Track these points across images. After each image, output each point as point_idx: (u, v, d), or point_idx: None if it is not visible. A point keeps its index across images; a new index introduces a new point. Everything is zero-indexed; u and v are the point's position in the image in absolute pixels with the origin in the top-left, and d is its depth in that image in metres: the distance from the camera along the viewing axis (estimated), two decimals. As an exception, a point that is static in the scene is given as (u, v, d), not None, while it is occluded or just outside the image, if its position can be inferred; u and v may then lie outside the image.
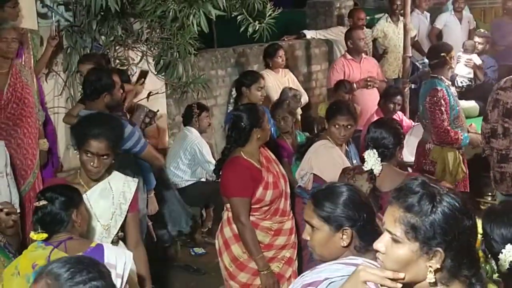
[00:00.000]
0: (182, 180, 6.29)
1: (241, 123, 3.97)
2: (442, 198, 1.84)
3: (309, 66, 8.39)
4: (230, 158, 4.04)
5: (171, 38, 6.15)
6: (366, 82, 6.78)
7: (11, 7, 5.34)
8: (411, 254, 1.84)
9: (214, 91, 7.27)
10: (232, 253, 4.02)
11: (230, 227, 4.04)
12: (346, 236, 2.40)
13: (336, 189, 2.44)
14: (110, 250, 2.93)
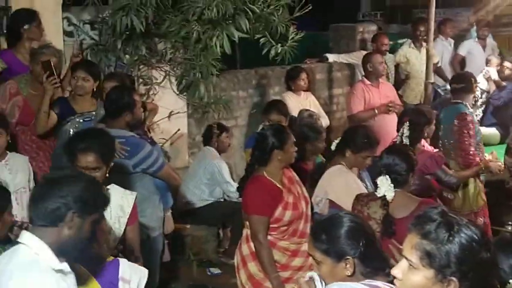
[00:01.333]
0: (200, 200, 6.33)
1: (264, 143, 4.01)
2: (460, 229, 1.85)
3: (330, 89, 8.42)
4: (252, 177, 4.07)
5: (194, 59, 6.22)
6: (387, 107, 6.72)
7: (36, 27, 5.45)
8: (426, 281, 1.86)
9: (235, 112, 7.33)
10: (249, 270, 4.03)
11: (248, 244, 4.05)
12: (349, 265, 2.41)
13: (333, 221, 2.46)
14: (126, 265, 2.99)
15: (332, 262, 2.42)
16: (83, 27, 6.12)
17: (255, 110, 7.40)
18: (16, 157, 4.44)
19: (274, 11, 6.27)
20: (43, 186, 2.51)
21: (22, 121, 4.99)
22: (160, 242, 4.62)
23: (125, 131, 4.33)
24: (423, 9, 9.65)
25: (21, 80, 5.08)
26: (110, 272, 2.98)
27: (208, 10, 5.65)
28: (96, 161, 3.30)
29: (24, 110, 5.02)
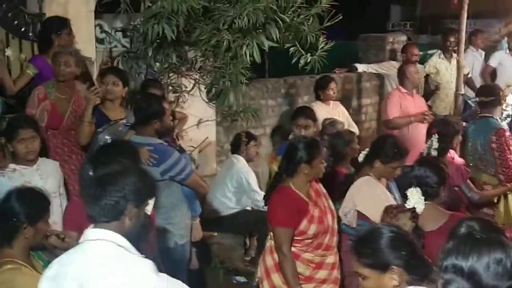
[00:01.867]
0: (227, 208, 6.34)
1: (293, 154, 4.01)
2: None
3: (359, 99, 8.40)
4: (279, 187, 4.07)
5: (223, 67, 6.25)
6: (423, 116, 6.67)
7: (67, 34, 5.53)
8: None
9: (263, 120, 7.34)
10: (272, 281, 4.02)
11: (272, 256, 4.05)
12: (395, 275, 2.41)
13: (374, 234, 2.46)
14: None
15: (378, 274, 2.42)
16: (115, 34, 6.20)
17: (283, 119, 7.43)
18: (46, 162, 4.49)
19: (304, 20, 6.27)
20: (97, 184, 2.57)
21: (51, 124, 5.07)
22: (187, 249, 4.63)
23: (153, 138, 4.36)
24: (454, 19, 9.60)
25: (49, 85, 5.18)
26: None
27: (239, 19, 5.67)
28: None
29: (52, 113, 5.11)
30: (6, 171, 4.28)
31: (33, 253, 3.25)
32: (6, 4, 5.51)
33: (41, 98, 5.11)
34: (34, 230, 3.12)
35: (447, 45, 8.36)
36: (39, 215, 3.14)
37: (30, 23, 5.66)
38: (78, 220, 3.48)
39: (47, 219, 3.22)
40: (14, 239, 3.10)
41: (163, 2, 5.32)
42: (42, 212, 3.17)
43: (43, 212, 3.17)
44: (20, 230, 3.09)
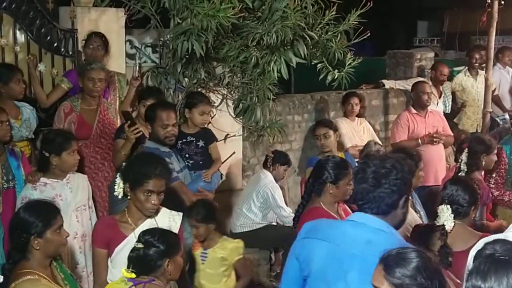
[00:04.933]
0: (253, 223, 6.36)
1: (320, 173, 4.03)
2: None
3: (386, 115, 8.38)
4: (310, 208, 4.06)
5: (251, 83, 6.30)
6: (431, 138, 6.66)
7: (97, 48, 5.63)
8: None
9: (290, 136, 7.36)
10: None
11: None
12: None
13: (408, 255, 2.39)
14: None
15: None
16: (145, 50, 6.28)
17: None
18: (76, 175, 4.57)
19: (332, 37, 6.31)
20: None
21: (81, 135, 5.15)
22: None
23: (153, 143, 4.50)
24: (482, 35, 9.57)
25: (74, 99, 5.33)
26: None
27: (267, 36, 5.72)
28: (164, 185, 3.49)
29: (80, 124, 5.24)
30: (38, 185, 4.37)
31: (56, 264, 3.31)
32: (40, 20, 5.62)
33: (67, 112, 5.24)
34: (44, 240, 3.16)
35: (472, 62, 8.34)
36: (45, 225, 3.17)
37: (62, 38, 5.76)
38: (106, 237, 3.55)
39: (58, 228, 3.23)
40: (28, 252, 3.16)
41: (193, 19, 5.38)
42: (48, 222, 3.19)
43: (49, 222, 3.19)
44: (30, 242, 3.14)
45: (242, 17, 5.76)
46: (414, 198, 4.59)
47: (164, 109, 4.55)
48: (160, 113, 4.50)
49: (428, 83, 7.39)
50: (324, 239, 2.73)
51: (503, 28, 9.00)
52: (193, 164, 4.93)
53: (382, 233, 2.62)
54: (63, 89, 5.54)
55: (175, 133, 4.54)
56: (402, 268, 2.32)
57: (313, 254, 2.74)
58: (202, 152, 5.05)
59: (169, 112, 4.53)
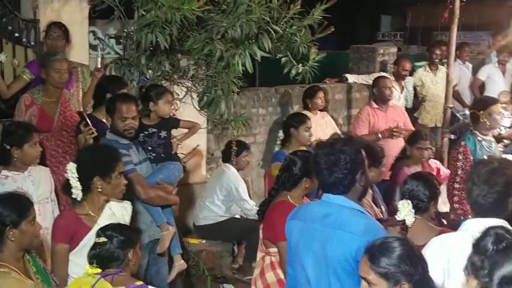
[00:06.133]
0: (216, 216, 6.38)
1: (294, 168, 4.07)
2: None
3: (349, 109, 8.46)
4: (276, 202, 4.10)
5: (216, 76, 6.27)
6: (391, 132, 6.69)
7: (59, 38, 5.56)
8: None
9: (254, 129, 7.38)
10: None
11: (274, 272, 4.06)
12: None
13: (391, 245, 2.47)
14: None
15: (388, 286, 2.44)
16: (108, 41, 6.22)
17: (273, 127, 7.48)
18: (38, 168, 4.53)
19: (297, 31, 6.31)
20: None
21: (42, 128, 5.08)
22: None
23: (113, 135, 4.49)
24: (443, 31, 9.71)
25: (34, 91, 5.24)
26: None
27: (232, 29, 5.70)
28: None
29: (41, 117, 5.17)
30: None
31: (29, 257, 3.29)
32: (1, 10, 5.54)
33: (28, 105, 5.17)
34: (19, 231, 3.14)
35: (433, 58, 8.48)
36: (20, 216, 3.16)
37: (24, 29, 5.68)
38: (70, 232, 3.59)
39: (32, 220, 3.24)
40: (1, 243, 3.13)
41: (157, 11, 5.33)
42: (23, 213, 3.19)
43: (24, 213, 3.19)
44: (5, 233, 3.12)
45: (207, 10, 5.73)
46: (375, 192, 4.65)
47: (124, 101, 4.51)
48: (120, 106, 4.46)
49: (390, 78, 7.47)
50: (297, 218, 3.14)
51: (464, 23, 9.17)
52: (155, 157, 4.91)
53: (340, 207, 2.95)
54: (24, 80, 5.46)
55: (134, 126, 4.51)
56: (386, 257, 2.41)
57: (291, 233, 3.16)
58: (164, 143, 5.03)
59: (129, 105, 4.49)
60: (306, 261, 3.04)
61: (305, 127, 5.85)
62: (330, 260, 2.91)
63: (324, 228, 2.96)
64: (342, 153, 2.94)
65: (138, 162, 4.56)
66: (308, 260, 3.02)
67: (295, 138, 5.85)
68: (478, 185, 2.87)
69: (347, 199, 2.98)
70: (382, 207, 4.68)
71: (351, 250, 2.84)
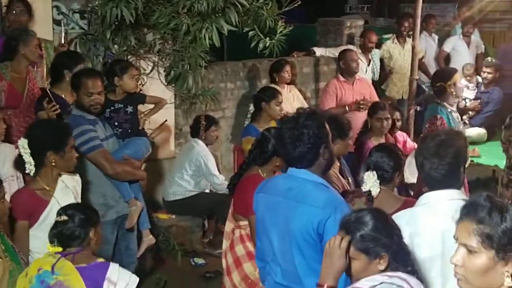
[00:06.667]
0: (186, 191, 6.39)
1: (266, 146, 4.09)
2: (509, 209, 2.05)
3: (317, 83, 8.47)
4: (247, 176, 4.12)
5: (182, 51, 6.25)
6: (358, 105, 6.70)
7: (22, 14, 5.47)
8: (489, 261, 2.03)
9: (222, 103, 7.38)
10: (244, 271, 4.06)
11: (243, 245, 4.09)
12: (384, 261, 2.46)
13: (365, 218, 2.50)
14: (115, 268, 3.13)
15: (368, 259, 2.46)
16: (72, 16, 6.13)
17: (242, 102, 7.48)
18: (3, 146, 4.48)
19: (263, 5, 6.30)
20: None
21: (11, 104, 5.04)
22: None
23: (78, 111, 4.46)
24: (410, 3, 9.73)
25: (2, 67, 5.16)
26: (97, 272, 3.11)
27: (198, 3, 5.67)
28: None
29: (10, 93, 5.08)
30: (-37, 156, 4.26)
31: None
32: (-40, -15, 5.42)
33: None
34: None
35: (401, 30, 8.53)
36: None
37: (-16, 3, 5.57)
38: (29, 208, 3.63)
39: (2, 197, 3.25)
40: None
41: (122, -15, 5.28)
42: None
43: None
44: None
45: (172, -17, 5.70)
46: (342, 164, 4.69)
47: (90, 77, 4.47)
48: (85, 81, 4.43)
49: (356, 51, 7.50)
50: (264, 192, 3.20)
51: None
52: (122, 132, 4.89)
53: (304, 181, 2.98)
54: None
55: (100, 102, 4.49)
56: (362, 231, 2.43)
57: (257, 206, 3.22)
58: (131, 119, 5.01)
59: (95, 80, 4.46)
60: (271, 234, 3.09)
61: (276, 101, 5.86)
62: (292, 232, 2.96)
63: (287, 202, 3.01)
64: (305, 127, 2.96)
65: (105, 137, 4.54)
66: (273, 233, 3.07)
67: (266, 112, 5.85)
68: (428, 159, 2.89)
69: (311, 173, 3.01)
70: (349, 178, 4.72)
71: (313, 223, 2.90)
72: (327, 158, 3.05)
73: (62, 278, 3.02)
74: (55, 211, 3.43)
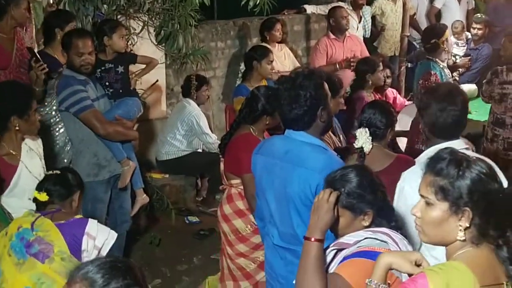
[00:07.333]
0: (178, 150, 6.42)
1: (256, 104, 4.08)
2: (469, 164, 2.04)
3: (308, 41, 8.44)
4: (239, 135, 4.11)
5: (172, 10, 6.20)
6: (348, 62, 6.64)
7: None
8: (442, 214, 2.04)
9: (213, 63, 7.35)
10: (234, 225, 4.09)
11: (230, 204, 4.12)
12: (368, 217, 2.49)
13: (349, 175, 2.51)
14: (94, 224, 3.17)
15: (353, 215, 2.49)
16: (61, -25, 6.04)
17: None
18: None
19: (254, -38, 6.25)
20: None
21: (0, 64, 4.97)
22: (97, 189, 4.55)
23: (69, 71, 4.46)
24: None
25: None
26: (76, 228, 3.15)
27: (187, -39, 5.62)
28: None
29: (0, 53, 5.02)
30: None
31: None
32: None
33: None
34: None
35: (392, -14, 8.46)
36: None
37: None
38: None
39: None
40: None
41: None
42: None
43: None
44: None
45: None
46: (334, 122, 4.72)
47: (80, 37, 4.45)
48: (76, 41, 4.40)
49: (346, 8, 7.45)
50: (261, 153, 3.16)
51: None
52: (113, 92, 4.88)
53: (301, 143, 2.94)
54: None
55: (91, 62, 4.47)
56: (347, 188, 2.46)
57: (255, 167, 3.19)
58: (122, 79, 5.00)
59: (85, 40, 4.44)
60: (268, 196, 3.08)
61: (268, 60, 5.81)
62: (290, 195, 2.95)
63: (284, 164, 2.97)
64: (302, 88, 2.90)
65: (96, 98, 4.54)
66: (270, 194, 3.06)
67: (257, 71, 5.82)
68: (437, 106, 2.90)
69: (309, 135, 2.96)
70: (341, 136, 4.75)
71: (311, 186, 2.87)
72: (325, 120, 3.00)
73: (41, 234, 3.06)
74: (24, 176, 3.52)
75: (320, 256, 2.39)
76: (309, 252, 2.38)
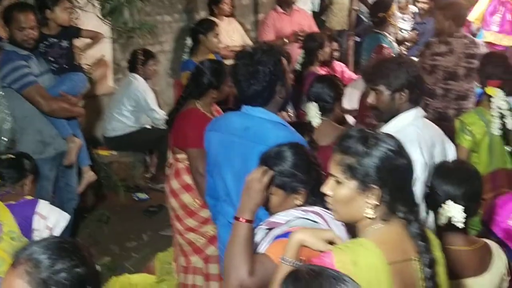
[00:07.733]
0: (126, 126, 6.32)
1: (201, 78, 4.02)
2: (377, 141, 2.00)
3: (256, 14, 8.40)
4: (185, 109, 4.06)
5: (117, -18, 6.05)
6: (296, 36, 6.57)
7: None
8: (351, 192, 2.01)
9: (160, 37, 7.24)
10: (182, 200, 4.06)
11: (177, 179, 4.07)
12: (301, 196, 2.49)
13: (284, 154, 2.49)
14: (45, 204, 3.16)
15: (286, 194, 2.48)
16: None
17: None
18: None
19: None
20: None
21: None
22: (43, 166, 4.36)
23: (11, 46, 4.36)
24: None
25: None
26: (26, 208, 3.12)
27: None
28: None
29: None
30: None
31: None
32: None
33: None
34: None
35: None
36: None
37: None
38: None
39: None
40: None
41: None
42: None
43: None
44: None
45: None
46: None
47: (21, 11, 4.33)
48: (17, 15, 4.29)
49: None
50: (216, 130, 3.07)
51: None
52: (57, 68, 4.76)
53: (260, 120, 2.90)
54: None
55: (33, 36, 4.36)
56: (280, 167, 2.44)
57: (209, 144, 3.11)
58: (67, 54, 4.88)
59: (27, 14, 4.32)
60: (225, 173, 3.02)
61: (214, 33, 5.75)
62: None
63: (243, 142, 2.91)
64: (261, 64, 2.85)
65: (39, 73, 4.42)
66: (227, 172, 3.00)
67: (204, 45, 5.75)
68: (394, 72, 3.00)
69: (267, 111, 2.92)
70: (291, 110, 4.76)
71: None
72: (283, 96, 2.96)
73: None
74: None
75: (249, 236, 2.34)
76: (238, 232, 2.33)
